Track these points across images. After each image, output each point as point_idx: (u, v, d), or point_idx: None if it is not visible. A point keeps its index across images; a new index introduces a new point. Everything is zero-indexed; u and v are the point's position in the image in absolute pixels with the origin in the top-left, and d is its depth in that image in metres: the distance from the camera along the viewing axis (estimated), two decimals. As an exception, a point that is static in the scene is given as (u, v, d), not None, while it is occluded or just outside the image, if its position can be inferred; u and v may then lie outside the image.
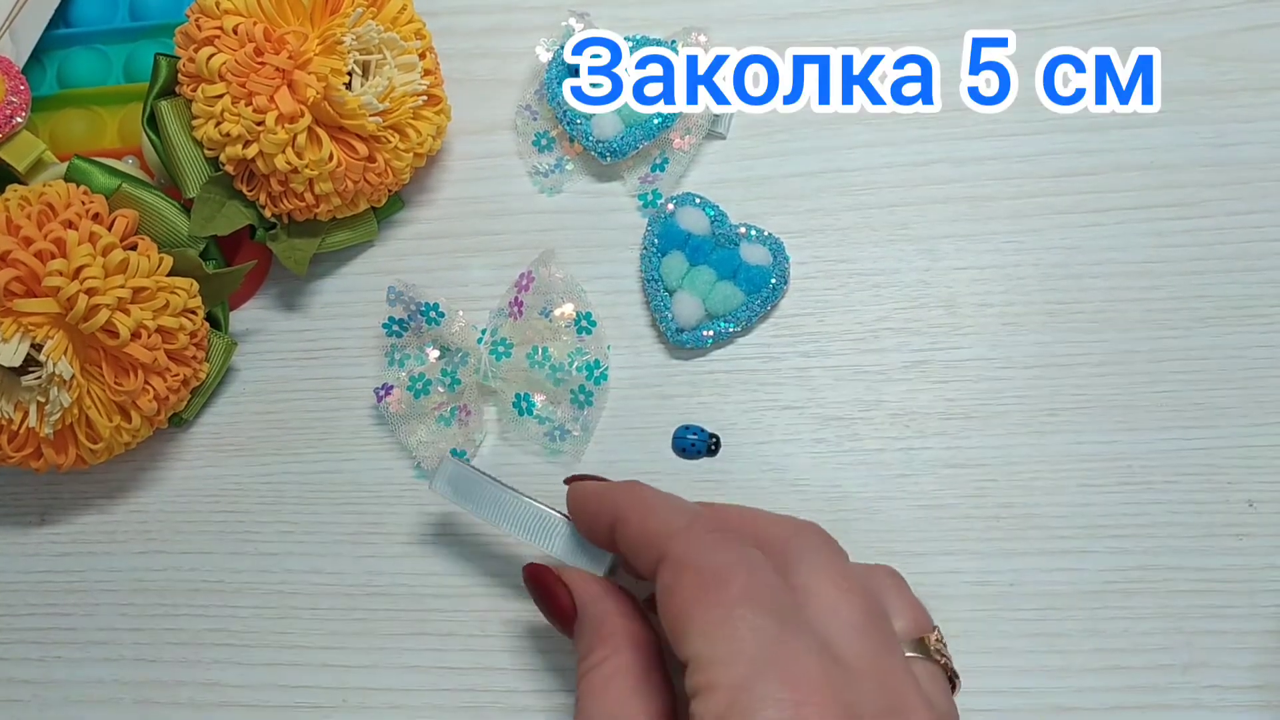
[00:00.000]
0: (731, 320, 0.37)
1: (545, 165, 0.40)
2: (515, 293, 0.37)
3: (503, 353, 0.36)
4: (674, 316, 0.37)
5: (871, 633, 0.26)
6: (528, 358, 0.36)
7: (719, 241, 0.38)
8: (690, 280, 0.37)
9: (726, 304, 0.37)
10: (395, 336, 0.38)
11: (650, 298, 0.38)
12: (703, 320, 0.37)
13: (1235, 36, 0.40)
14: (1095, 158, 0.39)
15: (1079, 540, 0.35)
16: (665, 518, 0.28)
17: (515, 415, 0.37)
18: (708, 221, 0.38)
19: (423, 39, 0.37)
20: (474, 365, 0.36)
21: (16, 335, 0.31)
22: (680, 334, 0.37)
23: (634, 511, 0.28)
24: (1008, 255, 0.38)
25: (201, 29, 0.34)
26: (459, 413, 0.37)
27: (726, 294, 0.37)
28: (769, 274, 0.37)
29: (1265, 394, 0.36)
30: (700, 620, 0.25)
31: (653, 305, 0.37)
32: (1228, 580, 0.34)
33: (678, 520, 0.27)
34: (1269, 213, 0.38)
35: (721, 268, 0.37)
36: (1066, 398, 0.36)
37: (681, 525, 0.27)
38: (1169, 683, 0.34)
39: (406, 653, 0.35)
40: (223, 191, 0.36)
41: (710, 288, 0.37)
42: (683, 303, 0.37)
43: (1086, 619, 0.34)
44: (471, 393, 0.37)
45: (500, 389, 0.37)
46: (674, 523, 0.27)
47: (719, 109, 0.40)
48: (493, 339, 0.37)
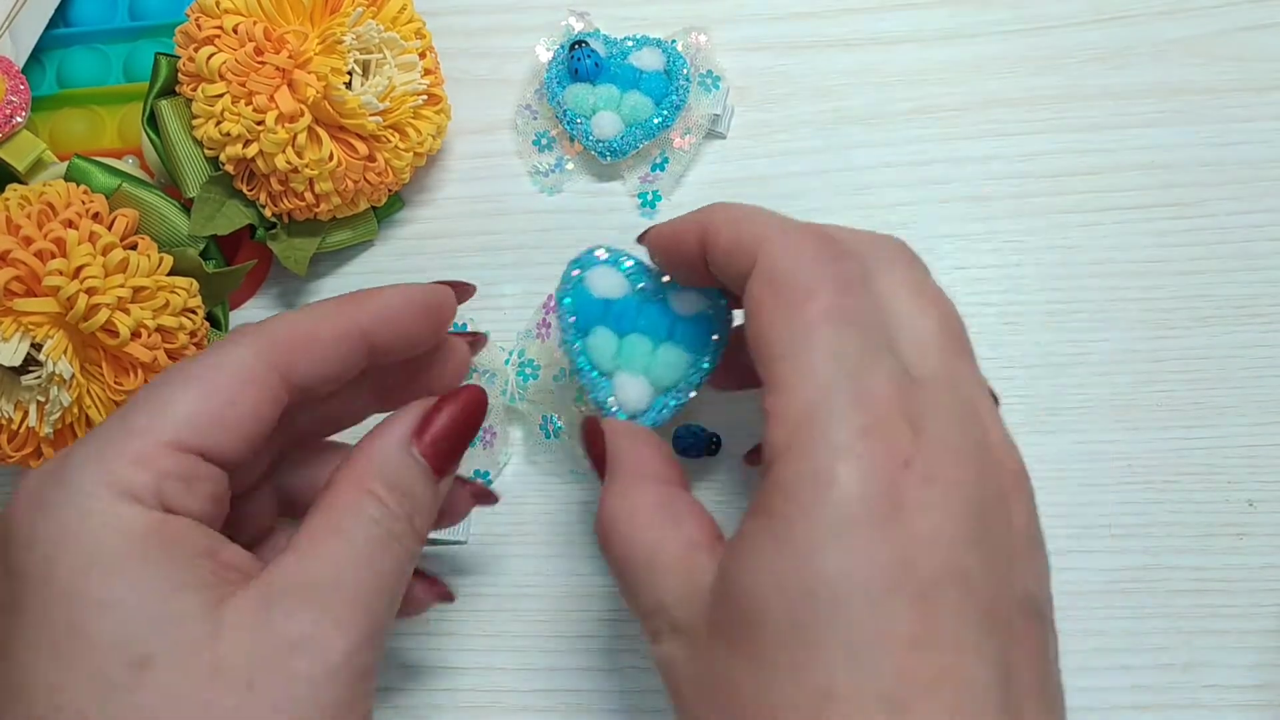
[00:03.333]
0: (683, 389, 0.31)
1: (545, 165, 0.40)
2: (543, 314, 0.36)
3: (530, 374, 0.36)
4: (620, 405, 0.31)
5: (948, 345, 0.25)
6: (554, 379, 0.35)
7: (643, 297, 0.32)
8: (626, 357, 0.31)
9: (674, 372, 0.31)
10: None
11: (589, 388, 0.32)
12: (653, 396, 0.31)
13: (1234, 36, 0.40)
14: (1095, 158, 0.39)
15: (1079, 540, 0.35)
16: (759, 222, 0.26)
17: (542, 438, 0.36)
18: (623, 278, 0.32)
19: (423, 39, 0.37)
20: (500, 386, 0.36)
21: (16, 335, 0.31)
22: (635, 419, 0.31)
23: (725, 223, 0.27)
24: (1008, 255, 0.38)
25: (201, 28, 0.34)
26: (484, 434, 0.36)
27: (671, 360, 0.31)
28: (710, 323, 0.31)
29: (1265, 394, 0.36)
30: (780, 338, 0.24)
31: (594, 397, 0.32)
32: (1227, 580, 0.34)
33: (772, 224, 0.26)
34: (1269, 212, 0.38)
35: (654, 330, 0.31)
36: (1066, 398, 0.36)
37: (775, 229, 0.26)
38: (1169, 683, 0.34)
39: (407, 653, 0.35)
40: (223, 191, 0.36)
41: (650, 358, 0.31)
42: (626, 387, 0.31)
43: (1086, 619, 0.34)
44: (498, 414, 0.36)
45: (527, 411, 0.36)
46: (768, 227, 0.26)
47: (719, 109, 0.40)
48: (520, 360, 0.36)
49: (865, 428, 0.22)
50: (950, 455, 0.23)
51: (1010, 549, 0.24)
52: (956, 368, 0.25)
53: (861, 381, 0.23)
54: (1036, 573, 0.25)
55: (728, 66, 0.40)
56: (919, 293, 0.26)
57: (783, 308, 0.24)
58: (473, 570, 0.36)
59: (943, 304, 0.26)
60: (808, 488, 0.22)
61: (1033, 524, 0.25)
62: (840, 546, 0.22)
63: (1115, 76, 0.40)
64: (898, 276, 0.26)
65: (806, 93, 0.40)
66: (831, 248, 0.25)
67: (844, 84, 0.40)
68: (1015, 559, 0.24)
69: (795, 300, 0.24)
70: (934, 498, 0.22)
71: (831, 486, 0.22)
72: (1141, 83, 0.39)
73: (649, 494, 0.27)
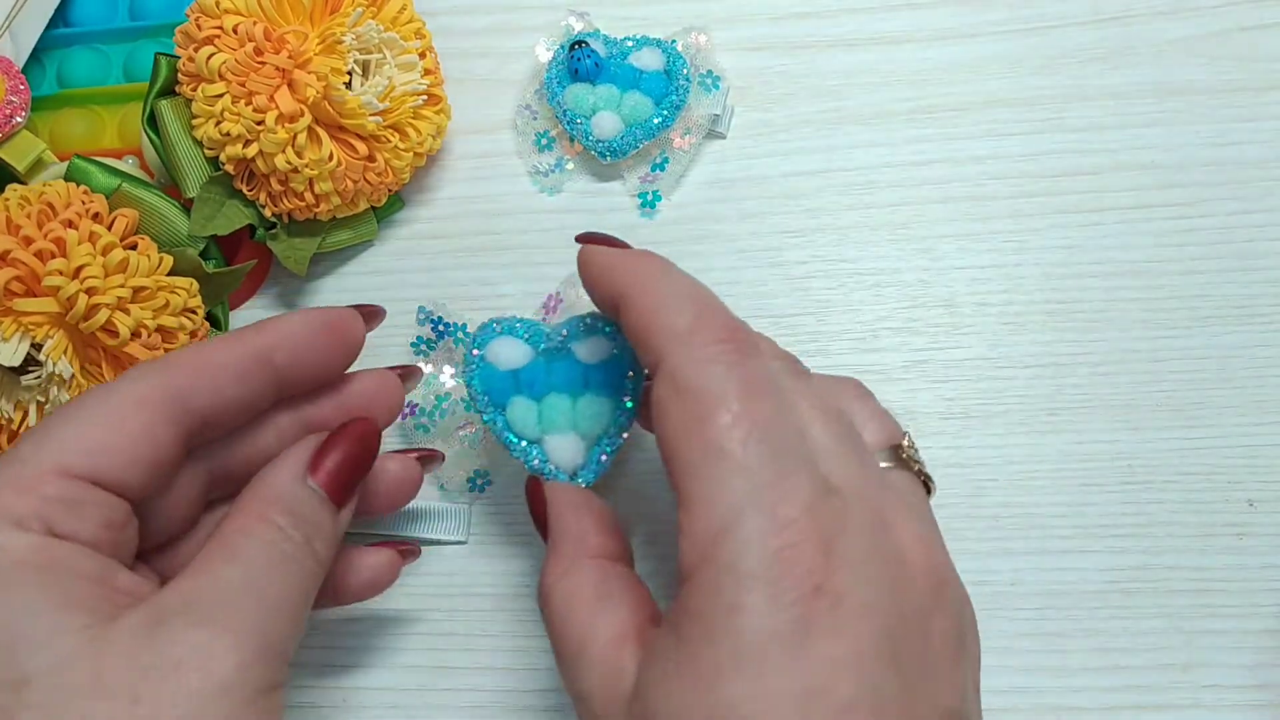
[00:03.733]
0: (613, 434, 0.31)
1: (545, 165, 0.40)
2: (543, 314, 0.36)
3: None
4: (557, 466, 0.31)
5: (853, 451, 0.24)
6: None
7: (550, 357, 0.32)
8: (548, 420, 0.31)
9: (600, 420, 0.31)
10: (423, 356, 0.37)
11: (522, 459, 0.31)
12: (587, 449, 0.31)
13: (1235, 36, 0.40)
14: (1095, 158, 0.39)
15: (1079, 540, 0.35)
16: (668, 314, 0.25)
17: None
18: (523, 344, 0.32)
19: (423, 39, 0.37)
20: None
21: (16, 335, 0.31)
22: (575, 477, 0.31)
23: (637, 297, 0.26)
24: (1008, 255, 0.38)
25: (201, 28, 0.34)
26: (484, 434, 0.36)
27: (593, 410, 0.31)
28: (621, 363, 0.31)
29: (1265, 394, 0.36)
30: (687, 453, 0.23)
31: (530, 467, 0.31)
32: (1227, 580, 0.34)
33: (680, 320, 0.25)
34: (1269, 212, 0.38)
35: (569, 385, 0.31)
36: (1066, 398, 0.36)
37: (683, 328, 0.25)
38: (1169, 682, 0.34)
39: (407, 653, 0.35)
40: (223, 191, 0.36)
41: (573, 413, 0.31)
42: (558, 449, 0.31)
43: (1086, 619, 0.34)
44: None
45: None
46: (675, 323, 0.25)
47: (719, 109, 0.40)
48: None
49: (775, 553, 0.22)
50: (861, 576, 0.22)
51: (929, 665, 0.23)
52: (865, 473, 0.24)
53: (771, 502, 0.22)
54: (959, 685, 0.24)
55: (728, 66, 0.40)
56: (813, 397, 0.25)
57: (689, 420, 0.23)
58: (473, 570, 0.36)
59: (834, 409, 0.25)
60: (717, 616, 0.22)
61: (958, 634, 0.24)
62: (747, 677, 0.21)
63: (1115, 76, 0.40)
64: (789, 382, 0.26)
65: (806, 93, 0.40)
66: (739, 346, 0.25)
67: (844, 84, 0.40)
68: (935, 675, 0.23)
69: (701, 412, 0.23)
70: (844, 622, 0.22)
71: (739, 615, 0.22)
72: (1141, 83, 0.39)
73: (587, 574, 0.27)
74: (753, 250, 0.39)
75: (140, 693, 0.22)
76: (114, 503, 0.25)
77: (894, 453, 0.27)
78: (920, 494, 0.26)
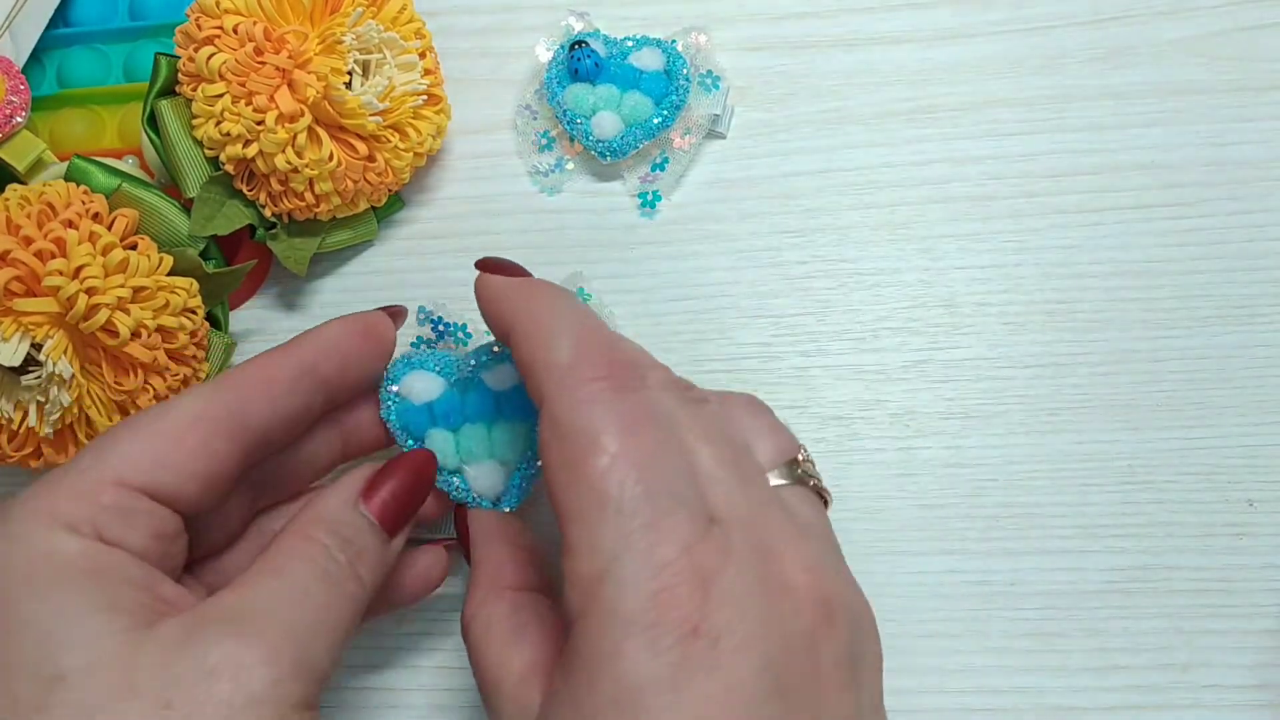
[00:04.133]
0: (530, 457, 0.31)
1: (545, 165, 0.40)
2: None
3: None
4: (480, 495, 0.32)
5: (736, 479, 0.24)
6: None
7: (462, 387, 0.32)
8: (466, 450, 0.32)
9: (516, 444, 0.31)
10: None
11: (446, 490, 0.32)
12: (507, 475, 0.32)
13: (1235, 36, 0.40)
14: (1095, 158, 0.39)
15: (1079, 540, 0.35)
16: (548, 350, 0.25)
17: None
18: (435, 377, 0.32)
19: (423, 39, 0.37)
20: None
21: (16, 335, 0.31)
22: (499, 504, 0.32)
23: (522, 330, 0.26)
24: (1008, 255, 0.38)
25: (201, 28, 0.34)
26: None
27: (509, 436, 0.32)
28: None
29: (1265, 394, 0.36)
30: (568, 499, 0.23)
31: (454, 498, 0.32)
32: (1227, 580, 0.34)
33: (559, 355, 0.25)
34: (1269, 212, 0.38)
35: (483, 414, 0.32)
36: (1066, 398, 0.36)
37: (563, 364, 0.24)
38: (1169, 683, 0.34)
39: (407, 653, 0.35)
40: (223, 191, 0.36)
41: (490, 441, 0.32)
42: (479, 477, 0.32)
43: (1086, 619, 0.34)
44: None
45: None
46: (555, 359, 0.25)
47: (719, 109, 0.40)
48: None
49: (652, 596, 0.22)
50: (740, 612, 0.22)
51: (817, 690, 0.23)
52: (751, 500, 0.24)
53: (649, 544, 0.22)
54: (851, 706, 0.24)
55: (728, 66, 0.40)
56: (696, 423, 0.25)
57: (567, 463, 0.23)
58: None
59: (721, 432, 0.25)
60: (599, 661, 0.22)
61: (850, 655, 0.24)
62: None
63: (1115, 76, 0.40)
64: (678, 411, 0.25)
65: (806, 93, 0.40)
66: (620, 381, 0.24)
67: (844, 84, 0.40)
68: (824, 699, 0.23)
69: (578, 454, 0.23)
70: (721, 660, 0.22)
71: (619, 661, 0.22)
72: (1141, 83, 0.39)
73: (502, 606, 0.27)
74: (753, 250, 0.39)
75: (171, 698, 0.22)
76: (165, 514, 0.26)
77: (789, 468, 0.26)
78: (815, 509, 0.26)
